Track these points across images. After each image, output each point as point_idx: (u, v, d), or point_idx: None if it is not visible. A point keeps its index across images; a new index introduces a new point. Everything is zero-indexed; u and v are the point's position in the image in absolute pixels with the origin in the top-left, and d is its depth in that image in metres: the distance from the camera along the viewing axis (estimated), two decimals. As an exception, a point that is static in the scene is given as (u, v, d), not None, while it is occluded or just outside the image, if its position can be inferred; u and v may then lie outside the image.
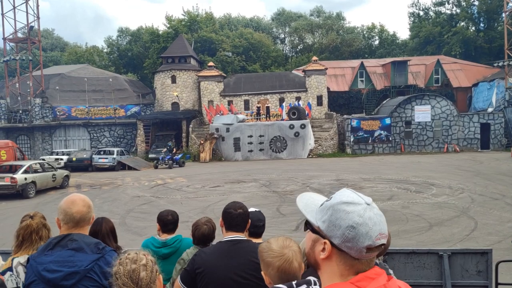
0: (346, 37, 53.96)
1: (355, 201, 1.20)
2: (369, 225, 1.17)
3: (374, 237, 1.16)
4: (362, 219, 1.17)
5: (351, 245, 1.17)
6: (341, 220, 1.18)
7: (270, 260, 1.69)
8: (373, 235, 1.16)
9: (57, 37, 70.52)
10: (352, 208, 1.19)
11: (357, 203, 1.20)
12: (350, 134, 32.82)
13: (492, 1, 46.79)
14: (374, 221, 1.18)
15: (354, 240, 1.16)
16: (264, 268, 1.72)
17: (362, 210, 1.18)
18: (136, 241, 8.33)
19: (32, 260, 2.29)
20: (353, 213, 1.18)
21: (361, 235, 1.16)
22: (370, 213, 1.18)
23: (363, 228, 1.16)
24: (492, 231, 9.27)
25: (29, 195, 16.64)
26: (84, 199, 2.40)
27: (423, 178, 17.70)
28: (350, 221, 1.17)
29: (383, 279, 1.20)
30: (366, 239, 1.16)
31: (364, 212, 1.18)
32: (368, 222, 1.17)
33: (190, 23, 50.84)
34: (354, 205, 1.19)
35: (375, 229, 1.17)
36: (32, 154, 36.05)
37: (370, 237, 1.16)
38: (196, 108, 38.63)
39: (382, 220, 1.20)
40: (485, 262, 4.40)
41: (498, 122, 32.39)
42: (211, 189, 17.14)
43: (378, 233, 1.17)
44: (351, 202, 1.20)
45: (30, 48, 37.03)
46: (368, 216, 1.17)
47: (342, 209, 1.19)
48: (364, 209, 1.18)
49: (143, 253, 1.87)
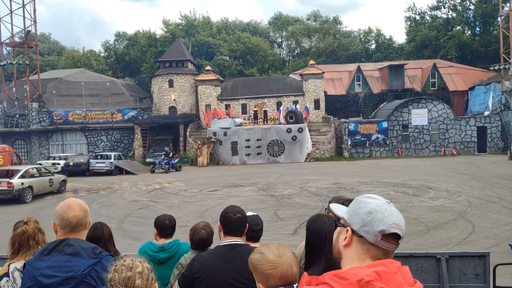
0: (343, 41, 54.15)
1: (376, 197, 1.40)
2: (384, 214, 1.33)
3: (388, 224, 1.31)
4: (379, 207, 1.34)
5: (367, 229, 1.33)
6: (361, 208, 1.37)
7: (270, 272, 1.67)
8: (387, 222, 1.31)
9: (54, 41, 70.47)
10: (372, 200, 1.38)
11: (378, 199, 1.39)
12: (347, 138, 32.87)
13: (488, 5, 47.10)
14: (390, 212, 1.34)
15: (370, 224, 1.32)
16: (263, 281, 1.69)
17: (381, 203, 1.36)
18: (133, 246, 8.30)
19: (29, 266, 2.28)
20: (372, 203, 1.36)
21: (376, 220, 1.32)
22: (387, 206, 1.36)
23: (379, 214, 1.33)
24: (490, 234, 9.29)
25: (26, 200, 16.55)
26: (80, 204, 2.39)
27: (421, 182, 17.73)
28: (368, 208, 1.35)
29: (397, 264, 1.32)
30: (380, 224, 1.31)
31: (382, 204, 1.36)
32: (384, 211, 1.34)
33: (187, 27, 50.96)
34: (374, 199, 1.38)
35: (390, 218, 1.33)
36: (29, 158, 35.90)
37: (385, 223, 1.31)
38: (193, 112, 38.62)
39: (400, 217, 1.36)
40: (483, 265, 4.40)
41: (494, 126, 32.52)
42: (209, 193, 17.11)
43: (393, 222, 1.32)
44: (372, 197, 1.40)
45: (27, 53, 36.95)
46: (385, 208, 1.35)
47: (363, 200, 1.39)
48: (383, 203, 1.36)
49: (139, 260, 1.85)
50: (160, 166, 27.70)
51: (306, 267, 2.21)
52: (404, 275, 1.29)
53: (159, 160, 28.28)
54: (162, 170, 27.41)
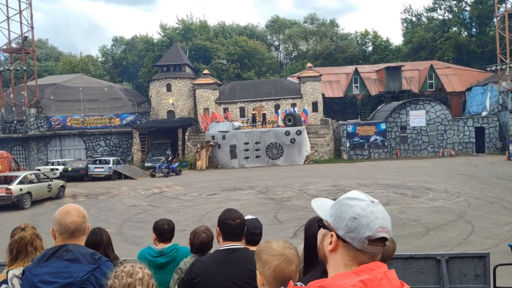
0: (340, 44, 54.27)
1: (359, 198, 1.32)
2: (370, 218, 1.26)
3: (374, 229, 1.25)
4: (364, 212, 1.27)
5: (353, 236, 1.26)
6: (345, 213, 1.29)
7: (268, 258, 1.67)
8: (373, 227, 1.25)
9: (52, 47, 70.45)
10: (356, 202, 1.30)
11: (362, 199, 1.31)
12: (346, 140, 32.90)
13: (484, 6, 47.31)
14: (376, 215, 1.27)
15: (356, 231, 1.26)
16: (260, 267, 1.70)
17: (365, 205, 1.29)
18: (132, 251, 8.27)
19: (28, 272, 2.26)
20: (356, 206, 1.29)
21: (362, 226, 1.25)
22: (372, 208, 1.28)
23: (364, 219, 1.26)
24: (489, 235, 9.29)
25: (25, 206, 16.50)
26: (78, 209, 2.38)
27: (419, 183, 17.74)
28: (353, 213, 1.28)
29: (383, 269, 1.27)
30: (367, 230, 1.25)
31: (366, 207, 1.28)
32: (369, 215, 1.27)
33: (185, 32, 51.03)
34: (358, 200, 1.30)
35: (376, 222, 1.26)
36: (27, 164, 35.82)
37: (371, 229, 1.25)
38: (191, 116, 38.62)
39: (385, 217, 1.29)
40: (483, 266, 4.40)
41: (492, 126, 32.59)
42: (208, 197, 17.08)
43: (379, 226, 1.26)
44: (356, 198, 1.32)
45: (24, 58, 36.94)
46: (370, 210, 1.28)
47: (347, 203, 1.31)
48: (367, 204, 1.29)
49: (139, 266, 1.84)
50: (160, 170, 27.68)
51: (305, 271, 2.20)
52: (390, 280, 1.25)
53: (159, 164, 28.27)
54: (162, 174, 27.40)
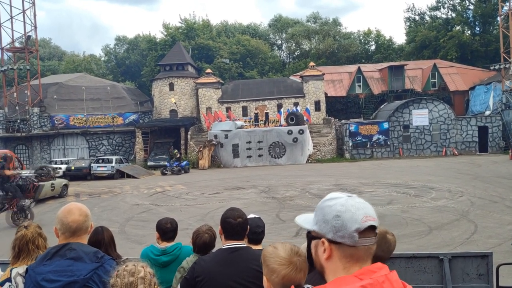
0: (342, 43, 54.17)
1: (336, 197, 1.33)
2: (351, 211, 1.26)
3: (360, 219, 1.25)
4: (344, 207, 1.28)
5: (342, 234, 1.26)
6: (327, 215, 1.30)
7: (276, 267, 1.65)
8: (358, 218, 1.26)
9: (55, 46, 70.65)
10: (334, 201, 1.31)
11: (338, 197, 1.32)
12: (348, 139, 32.85)
13: (487, 5, 47.09)
14: (356, 207, 1.28)
15: (343, 228, 1.26)
16: (268, 274, 1.68)
17: (344, 200, 1.30)
18: (135, 250, 8.29)
19: (31, 270, 2.28)
20: (335, 204, 1.30)
21: (348, 221, 1.25)
22: (351, 201, 1.29)
23: (347, 214, 1.26)
24: (492, 234, 9.26)
25: (28, 205, 16.54)
26: (80, 208, 2.38)
27: (422, 182, 17.70)
28: (334, 211, 1.28)
29: (384, 271, 1.26)
30: (353, 223, 1.25)
31: (345, 202, 1.29)
32: (350, 208, 1.27)
33: (187, 31, 51.03)
34: (335, 199, 1.32)
35: (359, 213, 1.26)
36: (31, 163, 35.91)
37: (356, 220, 1.25)
38: (194, 115, 38.65)
39: (366, 206, 1.29)
40: (486, 265, 4.39)
41: (495, 125, 32.47)
42: (210, 196, 17.10)
43: (363, 216, 1.26)
44: (332, 198, 1.33)
45: (27, 58, 37.05)
46: (350, 204, 1.28)
47: (326, 205, 1.32)
48: (345, 199, 1.30)
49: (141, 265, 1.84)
50: (171, 168, 28.11)
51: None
52: (392, 283, 1.23)
53: (170, 163, 28.72)
54: (174, 172, 27.81)
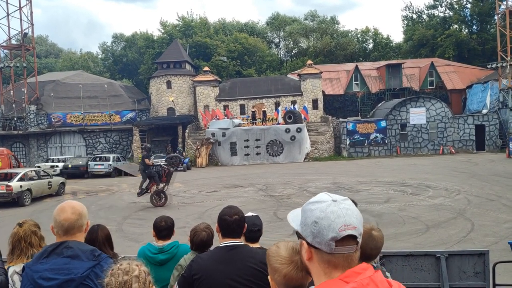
0: (340, 41, 54.14)
1: (320, 200, 1.28)
2: (331, 218, 1.22)
3: (337, 228, 1.21)
4: (323, 213, 1.23)
5: (319, 240, 1.23)
6: (308, 218, 1.27)
7: (277, 266, 1.66)
8: (336, 227, 1.21)
9: (52, 44, 70.39)
10: (316, 206, 1.27)
11: (322, 201, 1.27)
12: (346, 137, 32.89)
13: (485, 3, 47.16)
14: (337, 214, 1.23)
15: (319, 235, 1.23)
16: (271, 273, 1.69)
17: (325, 206, 1.25)
18: (133, 248, 8.28)
19: (28, 269, 2.27)
20: (316, 210, 1.26)
21: (324, 228, 1.22)
22: (333, 207, 1.24)
23: (325, 221, 1.22)
24: (489, 232, 9.30)
25: (25, 203, 16.51)
26: (74, 207, 2.36)
27: (419, 180, 17.74)
28: (313, 217, 1.25)
29: (369, 272, 1.24)
30: (329, 231, 1.21)
31: (326, 208, 1.24)
32: (330, 215, 1.23)
33: (185, 28, 50.92)
34: (319, 203, 1.27)
35: (338, 221, 1.22)
36: (28, 161, 35.83)
37: (333, 229, 1.21)
38: (192, 113, 38.61)
39: (349, 213, 1.24)
40: (482, 263, 4.41)
41: (492, 124, 32.57)
42: (208, 194, 17.10)
43: (342, 225, 1.22)
44: (316, 201, 1.29)
45: (24, 55, 36.87)
46: (330, 210, 1.24)
47: (308, 208, 1.29)
48: (328, 205, 1.25)
49: (136, 263, 1.83)
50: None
51: None
52: (377, 284, 1.21)
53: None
54: (180, 169, 27.73)
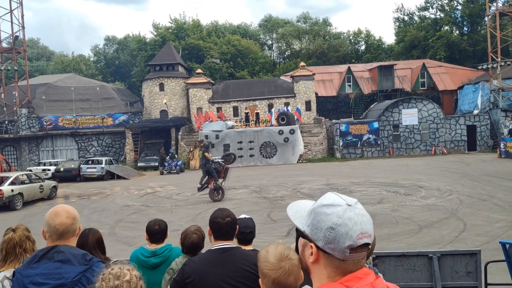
0: (333, 43, 54.37)
1: (335, 203, 1.22)
2: (348, 225, 1.18)
3: (354, 236, 1.17)
4: (341, 219, 1.18)
5: (333, 247, 1.18)
6: (322, 223, 1.21)
7: (266, 271, 1.65)
8: (353, 234, 1.17)
9: (43, 47, 69.90)
10: (332, 210, 1.21)
11: (337, 204, 1.22)
12: (339, 139, 33.00)
13: (475, 5, 47.64)
14: (354, 221, 1.18)
15: (335, 241, 1.18)
16: (261, 277, 1.69)
17: (342, 211, 1.20)
18: (125, 251, 8.24)
19: (18, 274, 2.25)
20: (332, 214, 1.20)
21: (341, 236, 1.17)
22: (350, 213, 1.19)
23: (342, 228, 1.17)
24: (481, 232, 9.36)
25: (16, 207, 16.35)
26: (68, 211, 2.36)
27: (412, 181, 17.84)
28: (330, 222, 1.19)
29: (371, 278, 1.21)
30: (346, 239, 1.17)
31: (343, 213, 1.19)
32: (347, 222, 1.18)
33: (178, 31, 50.82)
34: (333, 207, 1.21)
35: (355, 228, 1.18)
36: (19, 165, 35.51)
37: (351, 237, 1.17)
38: (185, 115, 38.52)
39: (365, 220, 1.20)
40: (474, 263, 4.44)
41: (484, 124, 32.85)
42: (201, 196, 17.04)
43: (359, 233, 1.18)
44: (331, 204, 1.23)
45: (15, 58, 36.60)
46: (347, 217, 1.19)
47: (322, 211, 1.22)
48: (344, 210, 1.20)
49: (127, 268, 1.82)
50: (169, 168, 28.35)
51: None
52: None
53: (168, 163, 28.89)
54: (174, 171, 28.05)
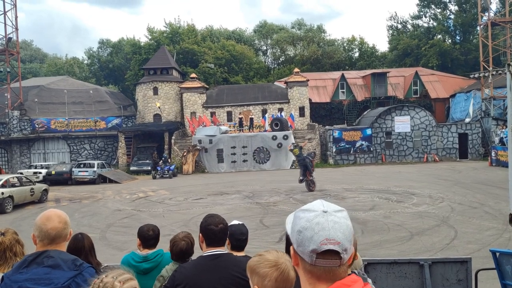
0: (327, 49, 54.70)
1: (311, 209, 1.25)
2: (314, 230, 1.19)
3: (319, 241, 1.18)
4: (309, 224, 1.20)
5: (302, 250, 1.21)
6: (295, 226, 1.25)
7: (266, 270, 1.64)
8: (317, 239, 1.18)
9: (36, 49, 69.52)
10: (305, 214, 1.24)
11: (313, 210, 1.24)
12: (332, 145, 33.10)
13: (467, 14, 48.26)
14: (322, 226, 1.19)
15: (302, 244, 1.20)
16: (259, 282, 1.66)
17: (313, 216, 1.22)
18: (116, 256, 8.17)
19: (7, 279, 2.22)
20: (303, 218, 1.23)
21: (306, 239, 1.19)
22: (321, 219, 1.20)
23: (308, 232, 1.19)
24: (472, 240, 9.42)
25: (6, 210, 16.16)
26: (60, 215, 2.34)
27: (404, 188, 17.92)
28: (299, 225, 1.22)
29: (359, 285, 1.21)
30: (311, 243, 1.19)
31: (313, 218, 1.21)
32: (314, 227, 1.19)
33: (172, 35, 50.82)
34: (308, 211, 1.24)
35: (321, 234, 1.18)
36: (10, 168, 35.15)
37: (315, 242, 1.18)
38: (178, 119, 38.43)
39: (336, 227, 1.20)
40: (465, 270, 4.47)
41: (475, 132, 33.15)
42: (194, 201, 16.99)
43: (325, 238, 1.18)
44: (307, 209, 1.25)
45: (8, 60, 36.33)
46: (316, 222, 1.20)
47: (298, 215, 1.26)
48: (316, 215, 1.21)
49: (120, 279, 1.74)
50: (162, 172, 28.20)
51: None
52: None
53: (161, 167, 28.72)
54: (166, 176, 27.90)
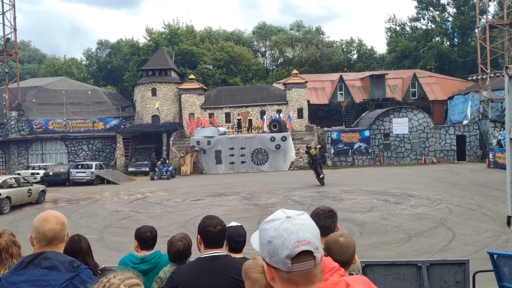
0: (325, 51, 54.76)
1: (275, 218, 1.26)
2: (283, 236, 1.20)
3: (291, 245, 1.19)
4: (276, 232, 1.21)
5: (275, 260, 1.21)
6: (262, 239, 1.25)
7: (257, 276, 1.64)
8: (289, 244, 1.19)
9: (34, 49, 69.42)
10: (270, 224, 1.25)
11: (276, 219, 1.25)
12: (330, 146, 33.12)
13: (465, 17, 48.41)
14: (290, 231, 1.20)
15: (275, 254, 1.20)
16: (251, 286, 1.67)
17: (279, 224, 1.23)
18: (114, 258, 8.15)
19: (4, 280, 2.21)
20: (270, 229, 1.24)
21: (278, 247, 1.19)
22: (287, 224, 1.22)
23: (278, 240, 1.20)
24: (469, 242, 9.44)
25: (4, 211, 16.12)
26: (57, 217, 2.34)
27: (402, 190, 17.94)
28: (268, 236, 1.23)
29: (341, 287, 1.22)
30: (283, 249, 1.19)
31: (280, 225, 1.22)
32: (283, 233, 1.20)
33: (171, 36, 50.82)
34: (272, 221, 1.25)
35: (291, 238, 1.20)
36: (7, 168, 35.07)
37: (287, 247, 1.19)
38: (176, 120, 38.40)
39: (303, 229, 1.22)
40: (463, 272, 4.47)
41: (473, 134, 33.23)
42: (192, 202, 16.97)
43: (295, 241, 1.19)
44: (271, 219, 1.26)
45: (6, 61, 36.24)
46: (283, 228, 1.21)
47: (263, 228, 1.27)
48: (281, 222, 1.23)
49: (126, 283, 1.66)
50: (160, 173, 28.19)
51: None
52: None
53: (159, 168, 28.70)
54: (164, 177, 27.84)
